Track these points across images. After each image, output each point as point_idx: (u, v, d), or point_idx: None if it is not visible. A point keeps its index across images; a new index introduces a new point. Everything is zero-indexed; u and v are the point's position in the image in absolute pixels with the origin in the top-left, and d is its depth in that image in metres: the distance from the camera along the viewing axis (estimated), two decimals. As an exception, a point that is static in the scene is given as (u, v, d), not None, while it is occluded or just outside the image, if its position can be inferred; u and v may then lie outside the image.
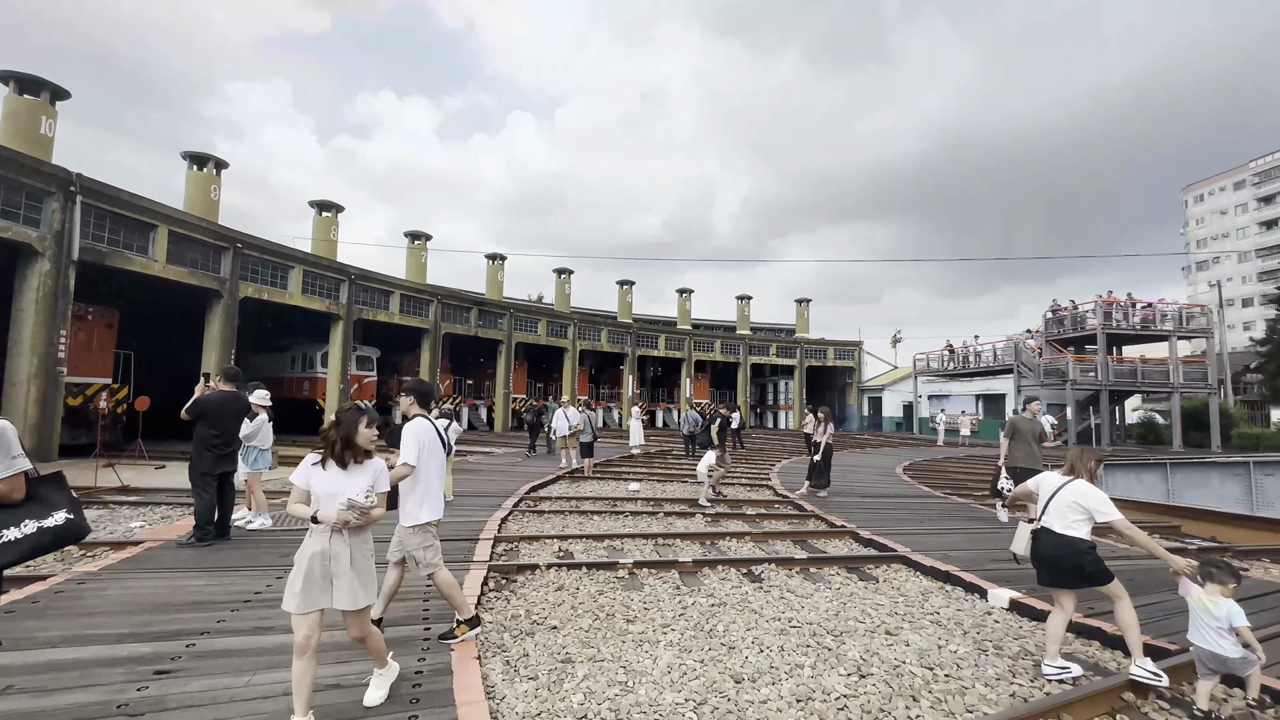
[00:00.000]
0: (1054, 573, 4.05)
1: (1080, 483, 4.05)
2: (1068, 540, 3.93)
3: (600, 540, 7.41)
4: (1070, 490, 4.02)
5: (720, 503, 10.57)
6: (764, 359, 41.50)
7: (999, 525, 8.90)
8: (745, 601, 5.33)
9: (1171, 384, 28.05)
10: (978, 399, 35.11)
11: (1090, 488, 4.02)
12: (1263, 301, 55.60)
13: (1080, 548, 3.92)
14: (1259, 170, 67.48)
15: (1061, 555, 3.95)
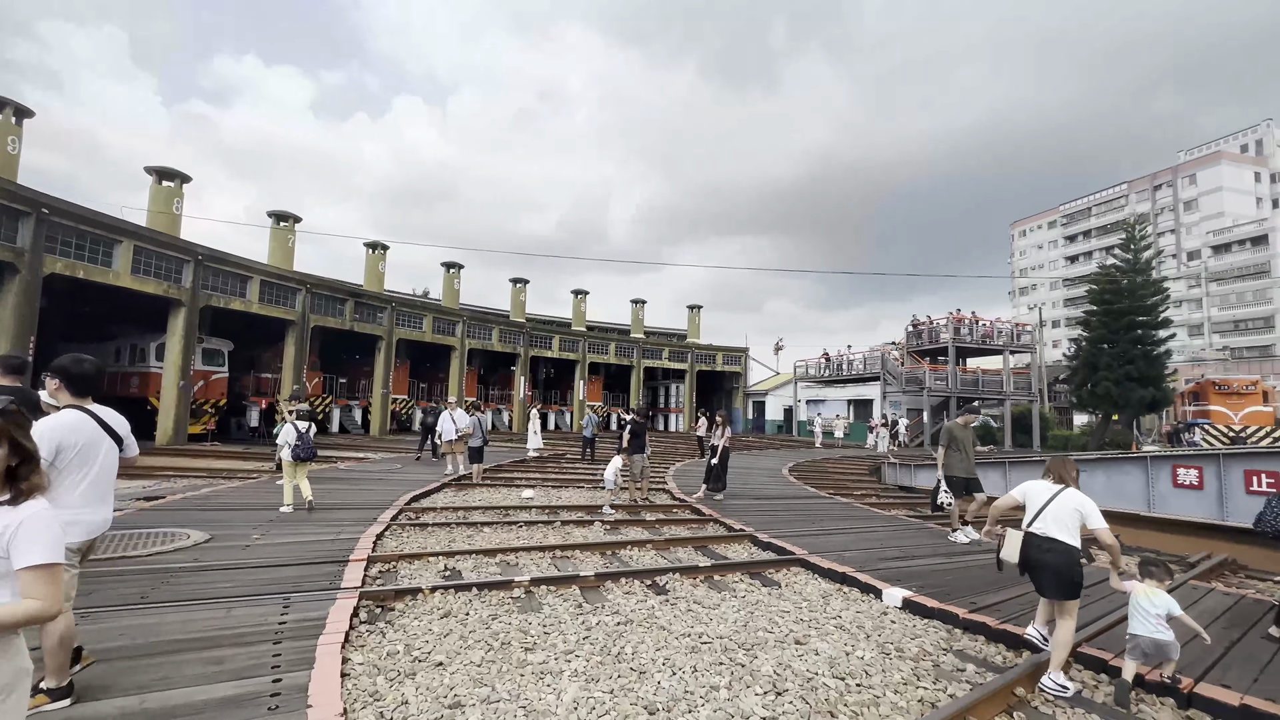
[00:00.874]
0: (1046, 580, 4.03)
1: (1074, 490, 4.12)
2: (1071, 549, 3.95)
3: (492, 555, 6.77)
4: (1067, 498, 4.05)
5: (620, 508, 10.26)
6: (657, 362, 42.10)
7: (884, 524, 9.39)
8: (652, 617, 5.01)
9: (1004, 392, 32.19)
10: (849, 404, 38.07)
11: (1085, 496, 4.08)
12: (1068, 323, 65.97)
13: (1078, 557, 3.97)
14: (1066, 213, 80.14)
15: (1064, 564, 3.94)
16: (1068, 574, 3.96)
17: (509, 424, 36.48)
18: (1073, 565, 3.96)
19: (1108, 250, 56.14)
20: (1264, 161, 66.35)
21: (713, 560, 6.89)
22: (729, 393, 46.18)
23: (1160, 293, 29.05)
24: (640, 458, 11.00)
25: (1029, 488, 4.32)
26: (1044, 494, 4.17)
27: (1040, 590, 4.17)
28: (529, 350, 35.84)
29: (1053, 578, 3.98)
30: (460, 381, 31.88)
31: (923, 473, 19.26)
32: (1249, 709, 3.62)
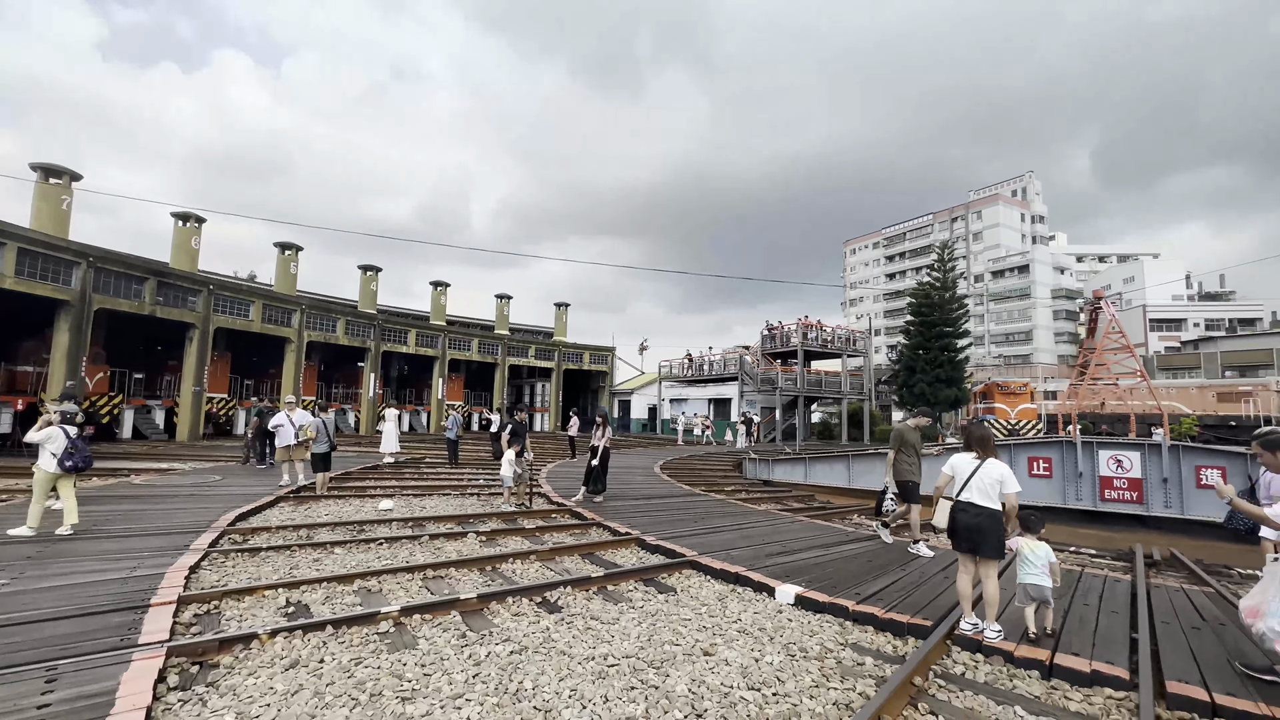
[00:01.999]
0: (980, 542, 4.51)
1: (994, 461, 4.62)
2: (996, 513, 4.49)
3: (348, 582, 5.75)
4: (989, 469, 4.57)
5: (505, 515, 9.48)
6: (523, 360, 40.77)
7: (760, 519, 9.68)
8: (550, 641, 4.50)
9: (842, 391, 35.84)
10: (710, 402, 39.92)
11: (1005, 466, 4.59)
12: (888, 332, 75.66)
13: (1000, 520, 4.50)
14: (887, 236, 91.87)
15: (990, 526, 4.47)
16: (996, 535, 4.49)
17: (356, 426, 32.99)
18: (999, 528, 4.51)
19: (923, 269, 65.37)
20: (1027, 205, 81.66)
21: (604, 569, 6.51)
22: (595, 392, 46.18)
23: (962, 308, 34.32)
24: (522, 460, 10.34)
25: (955, 462, 4.78)
26: (969, 466, 4.66)
27: (973, 551, 4.59)
28: (380, 345, 32.70)
29: (984, 539, 4.49)
30: (298, 378, 28.12)
31: (779, 467, 20.65)
32: (1098, 673, 4.07)
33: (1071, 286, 72.77)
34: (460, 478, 14.34)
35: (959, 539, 4.65)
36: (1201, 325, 61.11)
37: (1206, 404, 31.71)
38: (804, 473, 20.23)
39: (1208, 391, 33.37)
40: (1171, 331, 60.87)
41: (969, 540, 4.58)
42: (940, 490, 4.89)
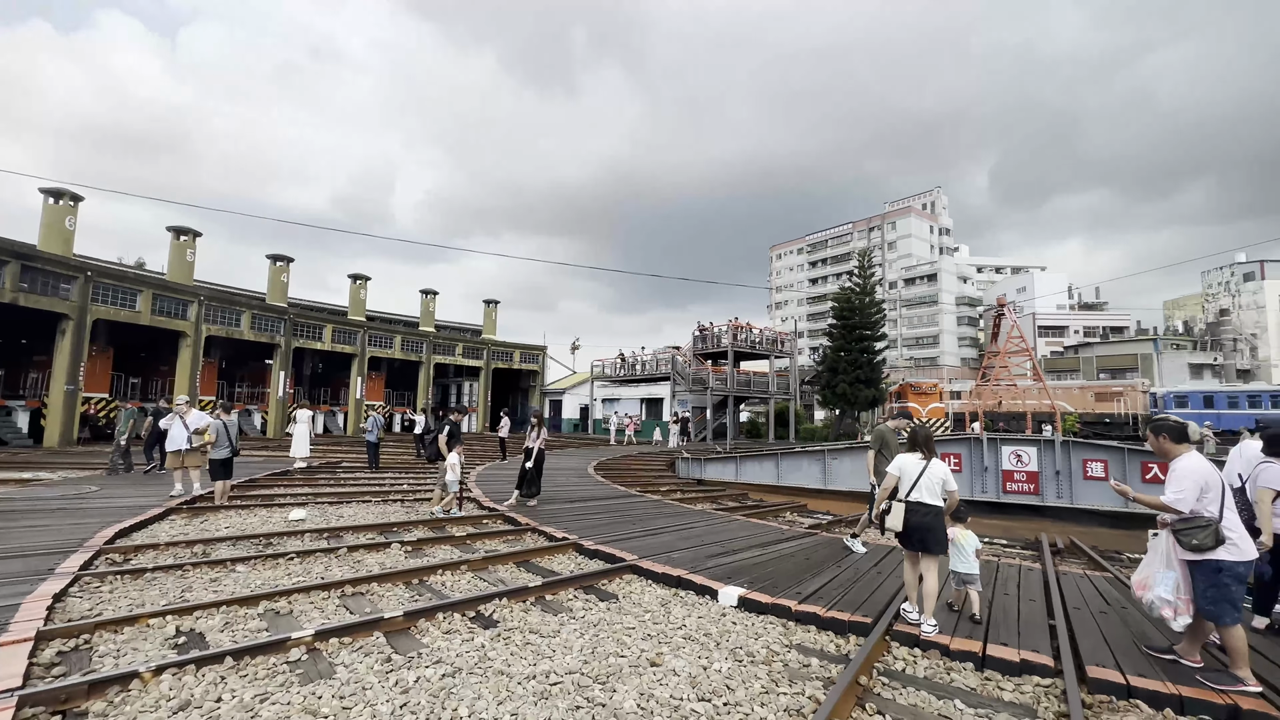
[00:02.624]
0: (931, 539, 4.70)
1: (937, 461, 4.82)
2: (940, 510, 4.74)
3: (252, 604, 5.14)
4: (934, 469, 4.79)
5: (443, 521, 8.91)
6: (450, 359, 39.24)
7: (698, 519, 9.64)
8: (486, 660, 4.18)
9: (769, 392, 36.94)
10: (642, 402, 40.03)
11: (944, 465, 4.83)
12: (811, 334, 78.96)
13: (943, 517, 4.75)
14: (810, 243, 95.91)
15: (937, 524, 4.72)
16: (942, 531, 4.76)
17: (262, 428, 30.52)
18: (943, 524, 4.78)
19: (844, 275, 68.69)
20: (936, 218, 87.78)
21: (542, 577, 6.21)
22: (526, 391, 45.20)
23: (880, 312, 36.25)
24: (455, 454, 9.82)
25: (903, 463, 4.91)
26: (916, 467, 4.84)
27: (921, 548, 4.77)
28: (291, 340, 30.40)
29: (934, 536, 4.71)
30: (194, 376, 25.60)
31: (712, 466, 20.92)
32: (1027, 662, 4.24)
33: (973, 295, 78.82)
34: (382, 483, 13.48)
35: (911, 538, 4.77)
36: (1080, 332, 67.92)
37: (1086, 403, 35.18)
38: (735, 471, 20.59)
39: (1087, 391, 37.05)
40: (1056, 337, 67.23)
41: (920, 538, 4.73)
42: (887, 491, 5.00)
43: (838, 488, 18.07)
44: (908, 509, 4.75)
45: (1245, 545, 3.93)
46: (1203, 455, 4.23)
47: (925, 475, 4.79)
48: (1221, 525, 3.90)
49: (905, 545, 4.91)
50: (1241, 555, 3.88)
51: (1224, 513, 3.93)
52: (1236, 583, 3.87)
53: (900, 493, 4.87)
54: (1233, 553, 3.87)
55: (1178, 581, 4.05)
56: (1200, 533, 3.90)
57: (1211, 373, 54.18)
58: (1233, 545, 3.87)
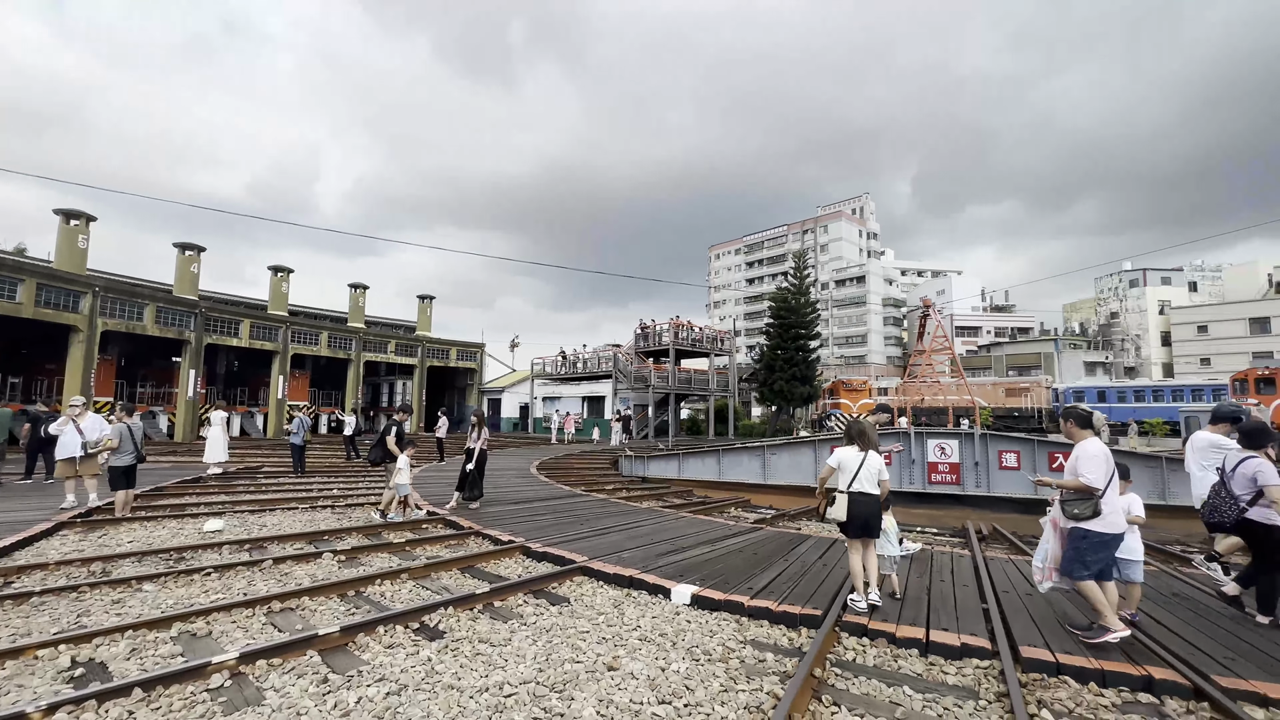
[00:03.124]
0: (868, 526, 5.03)
1: (874, 453, 5.12)
2: (877, 498, 5.06)
3: (164, 627, 4.65)
4: (872, 460, 5.08)
5: (391, 527, 8.41)
6: (381, 356, 37.52)
7: (646, 518, 9.60)
8: (434, 675, 3.95)
9: (709, 389, 37.55)
10: (584, 400, 39.77)
11: (879, 457, 5.15)
12: (748, 333, 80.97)
13: (879, 504, 5.10)
14: (747, 244, 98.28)
15: (874, 512, 5.04)
16: (879, 518, 5.12)
17: (170, 431, 28.11)
18: (878, 511, 5.11)
19: (779, 275, 70.76)
20: (864, 222, 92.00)
21: (489, 583, 5.97)
22: (463, 390, 43.89)
23: (815, 312, 37.59)
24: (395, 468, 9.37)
25: (843, 456, 5.15)
26: (855, 460, 5.10)
27: (864, 534, 5.08)
28: (203, 336, 28.14)
29: (875, 522, 5.06)
30: (87, 375, 23.21)
31: (655, 463, 21.01)
32: (967, 646, 4.44)
33: (898, 296, 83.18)
34: (309, 488, 12.67)
35: (854, 526, 5.00)
36: (992, 332, 73.12)
37: (998, 398, 37.90)
38: (678, 468, 20.77)
39: (999, 388, 39.93)
40: (970, 337, 72.07)
41: (863, 525, 4.99)
42: (825, 481, 5.21)
43: (777, 482, 18.57)
44: (850, 499, 5.00)
45: (1115, 520, 4.49)
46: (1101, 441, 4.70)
47: (864, 467, 5.06)
48: (1101, 502, 4.41)
49: (850, 533, 5.12)
50: (1109, 528, 4.45)
51: (1107, 491, 4.46)
52: (1095, 550, 4.47)
53: (841, 484, 5.10)
54: (1102, 525, 4.43)
55: (1048, 551, 4.76)
56: (1083, 505, 4.44)
57: (1103, 370, 59.71)
58: (1105, 519, 4.43)
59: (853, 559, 5.19)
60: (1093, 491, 4.42)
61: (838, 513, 5.01)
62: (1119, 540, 4.57)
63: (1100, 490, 4.42)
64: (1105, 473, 4.48)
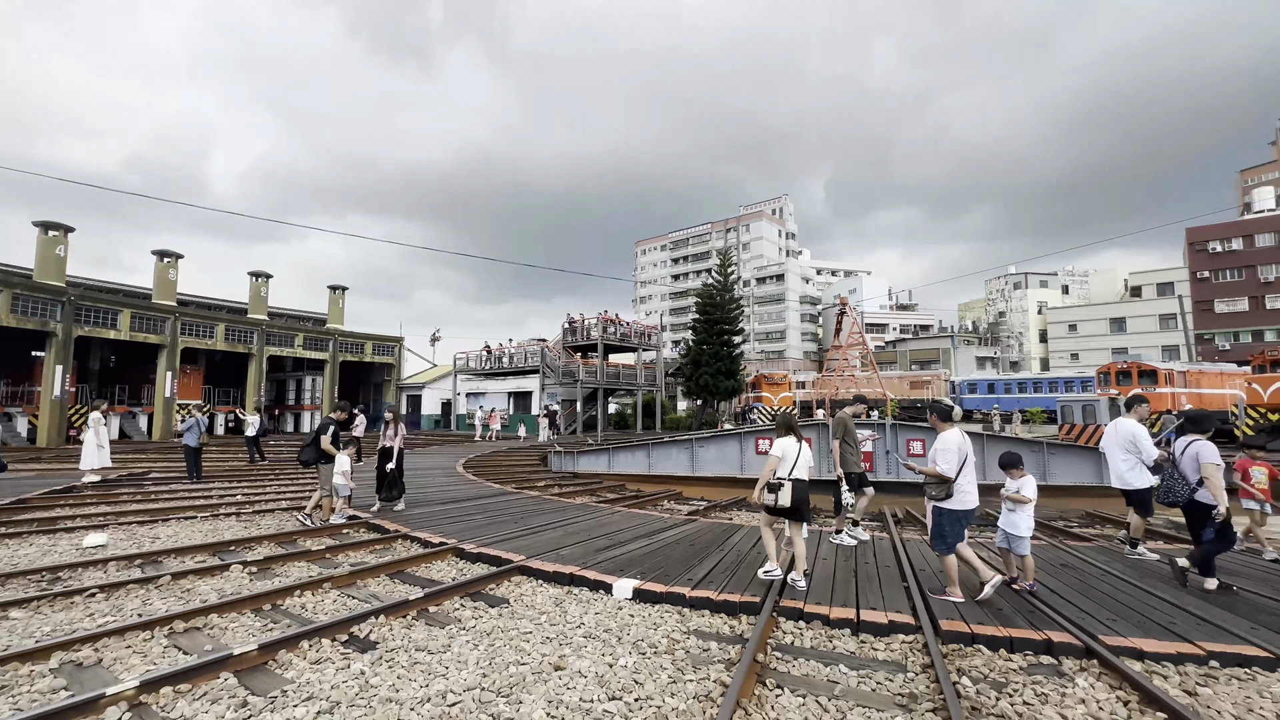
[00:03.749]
0: (804, 509, 5.51)
1: (805, 443, 5.57)
2: (808, 484, 5.50)
3: (40, 659, 4.08)
4: (805, 450, 5.51)
5: (321, 531, 7.75)
6: (287, 350, 34.91)
7: (581, 513, 9.52)
8: (368, 689, 3.72)
9: (637, 383, 37.82)
10: (510, 396, 38.88)
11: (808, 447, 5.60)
12: (674, 328, 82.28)
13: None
14: (673, 240, 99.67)
15: (807, 496, 5.49)
16: (807, 503, 5.57)
17: (31, 436, 24.81)
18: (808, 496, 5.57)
19: (704, 272, 72.20)
20: (783, 223, 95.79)
21: (423, 588, 5.70)
22: (380, 386, 41.71)
23: (739, 308, 38.73)
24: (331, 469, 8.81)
25: (785, 447, 5.51)
26: (795, 449, 5.48)
27: (798, 517, 5.55)
28: (73, 328, 25.01)
29: (806, 505, 5.54)
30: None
31: (585, 458, 20.90)
32: (893, 623, 4.73)
33: (813, 294, 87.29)
34: (208, 494, 11.59)
35: (792, 511, 5.38)
36: (897, 329, 78.42)
37: (904, 390, 40.72)
38: (608, 462, 20.78)
39: (904, 380, 42.89)
40: (879, 333, 76.93)
41: (798, 509, 5.38)
42: (771, 470, 5.45)
43: (706, 474, 19.01)
44: (793, 486, 5.39)
45: (966, 499, 5.16)
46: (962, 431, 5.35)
47: (801, 456, 5.48)
48: (954, 484, 5.12)
49: (787, 516, 5.51)
50: (961, 505, 5.17)
51: (960, 475, 5.12)
52: (950, 524, 5.21)
53: (782, 473, 5.42)
54: (955, 504, 5.16)
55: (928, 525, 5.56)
56: (939, 488, 5.17)
57: (992, 364, 65.61)
58: (958, 498, 5.15)
59: (771, 539, 5.69)
60: (946, 478, 5.11)
61: (784, 499, 5.31)
62: (971, 515, 5.24)
63: (953, 477, 5.10)
64: (957, 461, 5.13)
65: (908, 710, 3.55)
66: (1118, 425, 6.72)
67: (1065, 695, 3.72)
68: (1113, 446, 6.68)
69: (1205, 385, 24.95)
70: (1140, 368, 25.41)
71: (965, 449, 5.19)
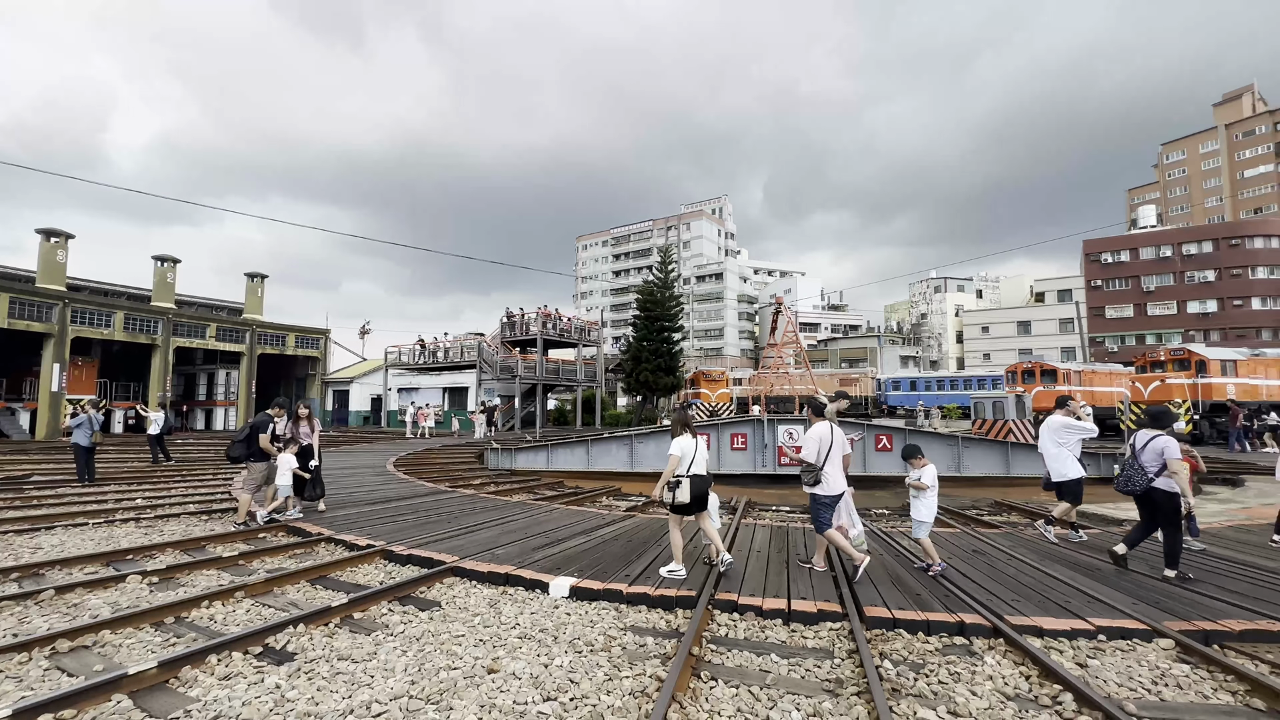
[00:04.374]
0: (703, 501, 5.77)
1: (702, 442, 5.83)
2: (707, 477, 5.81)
3: (-110, 688, 3.58)
4: (701, 446, 5.80)
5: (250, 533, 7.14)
6: (198, 342, 32.39)
7: (518, 512, 9.33)
8: (285, 703, 3.49)
9: (577, 379, 37.58)
10: (445, 391, 37.73)
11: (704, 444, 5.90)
12: (614, 324, 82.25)
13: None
14: (614, 236, 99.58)
15: (707, 489, 5.80)
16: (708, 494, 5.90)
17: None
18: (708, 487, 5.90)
19: (645, 269, 72.50)
20: (723, 222, 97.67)
21: (346, 593, 5.42)
22: (303, 380, 39.43)
23: (679, 306, 39.18)
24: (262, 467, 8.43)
25: (684, 445, 5.74)
26: (693, 446, 5.76)
27: (699, 508, 5.79)
28: (-61, 314, 22.18)
29: (702, 501, 5.78)
30: None
31: (523, 455, 20.56)
32: (822, 611, 4.92)
33: (751, 294, 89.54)
34: (102, 498, 10.58)
35: (694, 505, 5.64)
36: (829, 328, 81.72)
37: (834, 387, 42.48)
38: (547, 459, 20.54)
39: (835, 378, 44.78)
40: (811, 332, 79.90)
41: (699, 501, 5.73)
42: (674, 469, 5.67)
43: (645, 470, 19.11)
44: (692, 481, 5.66)
45: (831, 486, 5.74)
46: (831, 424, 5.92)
47: (698, 451, 5.77)
48: (821, 471, 5.70)
49: (691, 511, 5.73)
50: (827, 490, 5.74)
51: (825, 464, 5.70)
52: (821, 508, 5.80)
53: (681, 470, 5.69)
54: (822, 489, 5.74)
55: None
56: (808, 475, 5.77)
57: (914, 363, 69.52)
58: (823, 485, 5.72)
59: (676, 534, 5.81)
60: (811, 465, 5.72)
61: (683, 495, 5.57)
62: (838, 499, 5.83)
63: (816, 464, 5.70)
64: (819, 451, 5.71)
65: (834, 695, 3.69)
66: (1049, 422, 7.37)
67: (975, 673, 3.98)
68: (1047, 443, 7.29)
69: (1097, 384, 27.41)
70: (1042, 367, 27.61)
71: (830, 440, 5.75)
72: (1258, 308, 47.97)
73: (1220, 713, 3.51)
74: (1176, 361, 23.81)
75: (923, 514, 5.97)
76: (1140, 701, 3.62)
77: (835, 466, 5.74)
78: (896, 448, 18.44)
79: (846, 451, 5.90)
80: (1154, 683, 3.85)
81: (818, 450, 5.71)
